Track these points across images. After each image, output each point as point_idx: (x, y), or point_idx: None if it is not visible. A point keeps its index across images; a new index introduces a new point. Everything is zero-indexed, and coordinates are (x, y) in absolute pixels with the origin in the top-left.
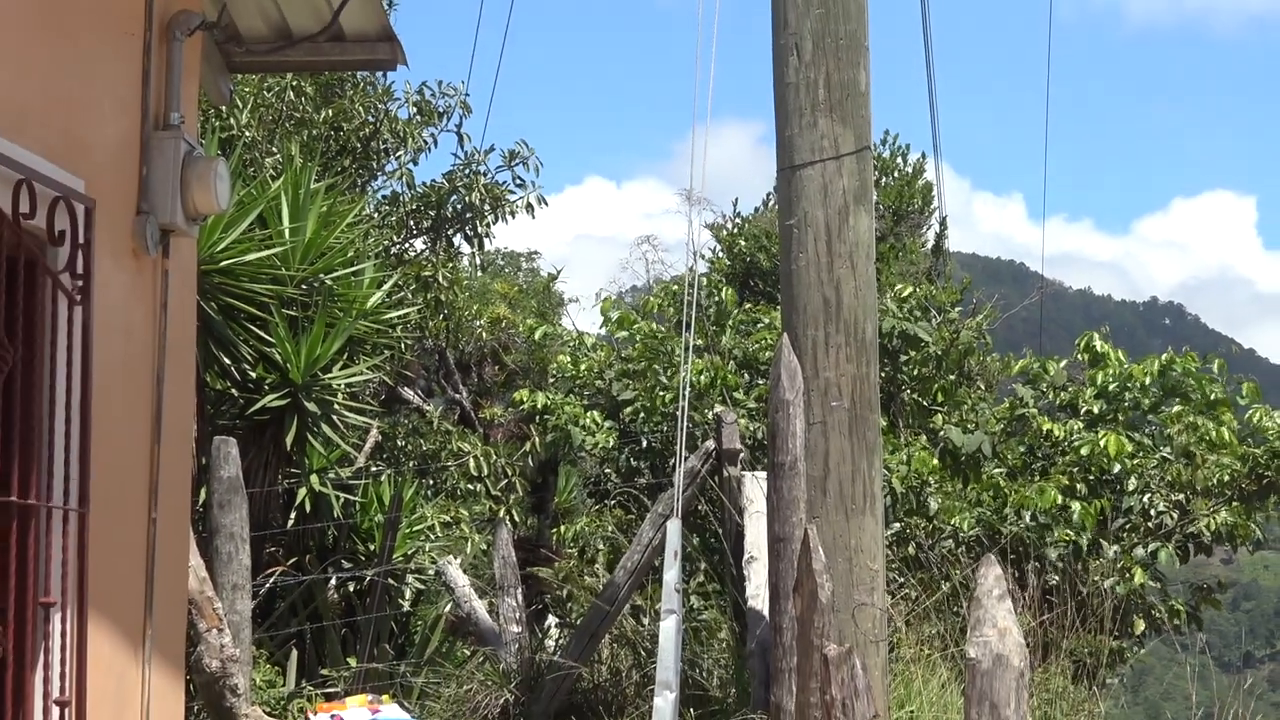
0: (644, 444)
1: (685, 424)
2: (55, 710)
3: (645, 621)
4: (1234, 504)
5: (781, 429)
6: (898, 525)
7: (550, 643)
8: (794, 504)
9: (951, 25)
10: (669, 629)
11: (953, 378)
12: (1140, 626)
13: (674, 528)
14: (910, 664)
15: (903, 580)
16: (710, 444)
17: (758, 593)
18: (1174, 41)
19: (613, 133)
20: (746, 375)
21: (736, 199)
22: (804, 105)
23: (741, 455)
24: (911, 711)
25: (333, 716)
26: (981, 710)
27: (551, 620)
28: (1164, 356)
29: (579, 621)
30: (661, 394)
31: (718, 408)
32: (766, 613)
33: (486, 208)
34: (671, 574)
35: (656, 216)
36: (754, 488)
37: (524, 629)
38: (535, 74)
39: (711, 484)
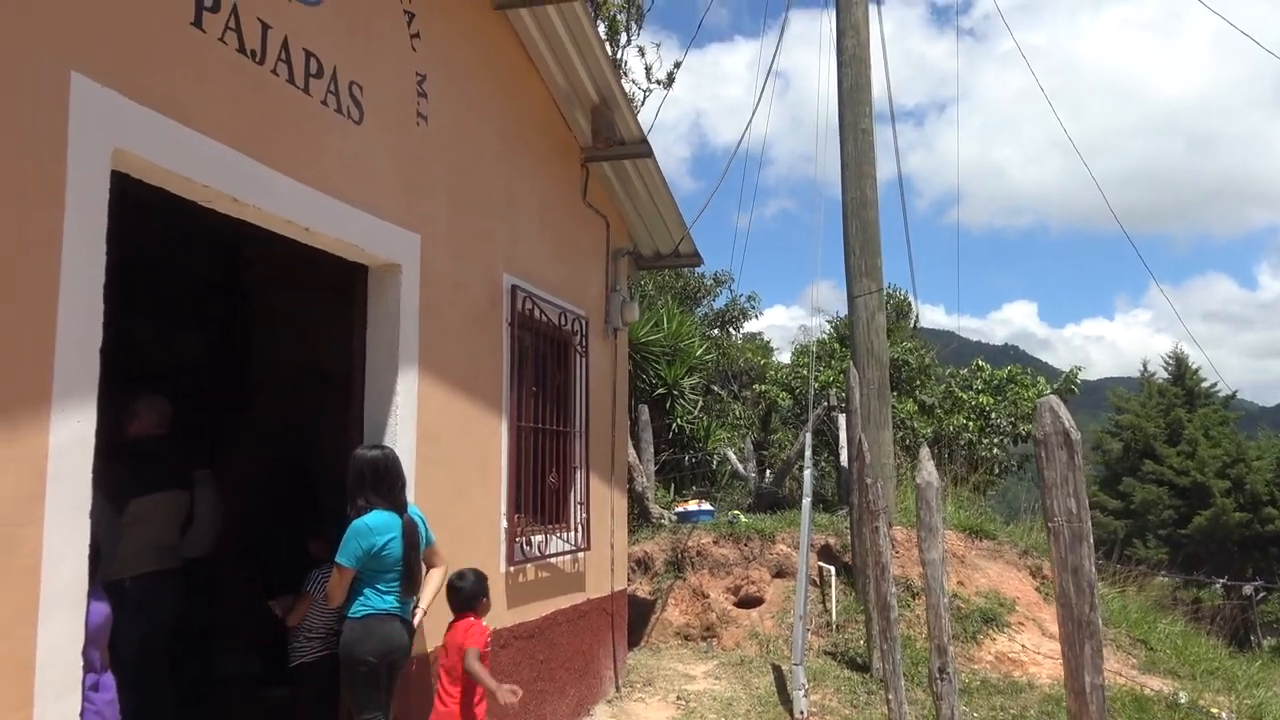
0: (802, 403)
1: (813, 395)
2: (579, 506)
3: (800, 472)
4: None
5: (851, 397)
6: (899, 433)
7: (766, 480)
8: (855, 425)
9: (922, 221)
10: (809, 475)
11: (922, 376)
12: (997, 469)
13: (809, 437)
14: (902, 488)
15: (900, 455)
16: (825, 403)
17: (844, 459)
18: (1000, 239)
19: (779, 281)
20: (841, 376)
21: (837, 311)
22: (857, 273)
23: (837, 406)
24: (904, 506)
25: (683, 508)
26: (922, 504)
27: (768, 471)
28: (1009, 369)
29: (777, 470)
30: (809, 384)
31: (830, 390)
32: (847, 465)
33: (740, 318)
34: (808, 452)
35: (799, 318)
36: (841, 420)
37: (757, 475)
38: (756, 257)
39: (825, 419)
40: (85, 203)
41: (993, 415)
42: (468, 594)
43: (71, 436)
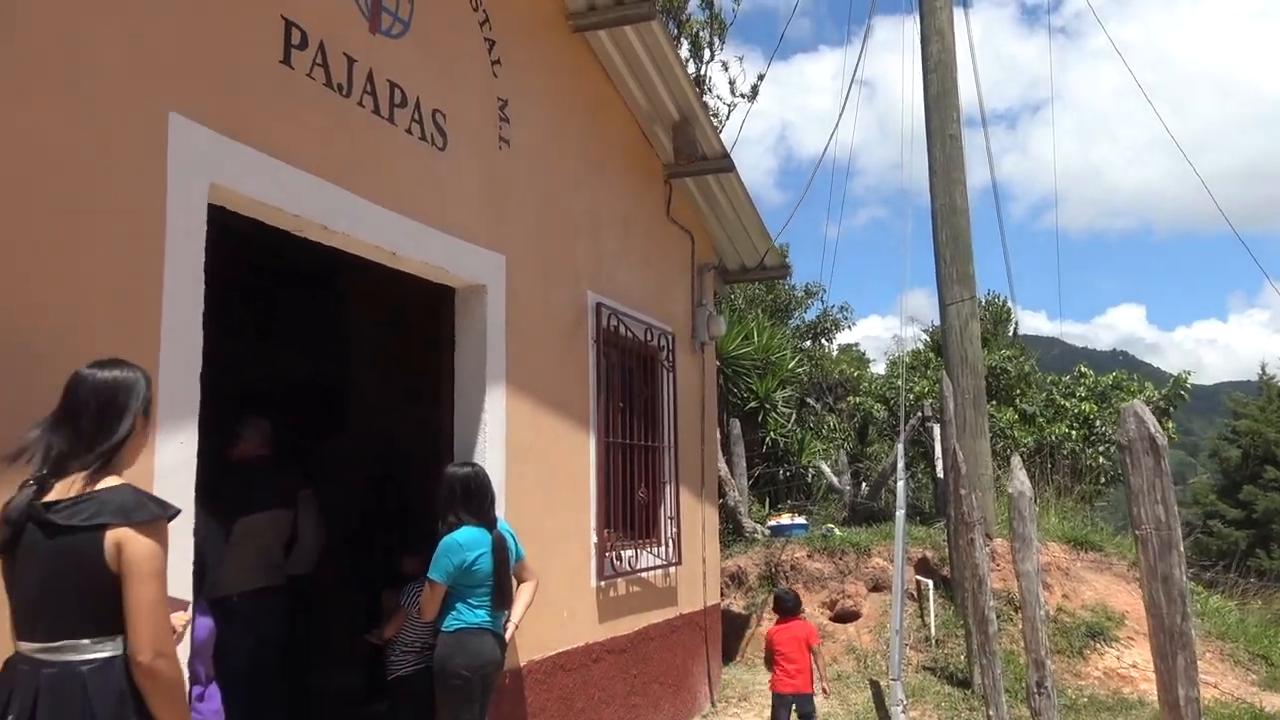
0: (898, 415)
1: (906, 406)
2: (669, 520)
3: (895, 484)
4: None
5: (946, 406)
6: (999, 443)
7: (861, 493)
8: (950, 435)
9: (1015, 230)
10: (901, 486)
11: (1022, 384)
12: (1103, 479)
13: (901, 448)
14: (1001, 499)
15: (999, 465)
16: (920, 414)
17: (939, 470)
18: (1102, 242)
19: (875, 291)
20: (937, 386)
21: (932, 320)
22: (949, 280)
23: (931, 417)
24: (1004, 517)
25: (777, 521)
26: (1015, 513)
27: (863, 484)
28: (1114, 375)
29: (873, 483)
30: (901, 394)
31: (925, 400)
32: (943, 477)
33: (833, 330)
34: (901, 464)
35: (895, 329)
36: (936, 431)
37: (852, 488)
38: (849, 267)
39: (920, 429)
40: (184, 235)
41: (1097, 423)
42: (791, 605)
43: (175, 458)
